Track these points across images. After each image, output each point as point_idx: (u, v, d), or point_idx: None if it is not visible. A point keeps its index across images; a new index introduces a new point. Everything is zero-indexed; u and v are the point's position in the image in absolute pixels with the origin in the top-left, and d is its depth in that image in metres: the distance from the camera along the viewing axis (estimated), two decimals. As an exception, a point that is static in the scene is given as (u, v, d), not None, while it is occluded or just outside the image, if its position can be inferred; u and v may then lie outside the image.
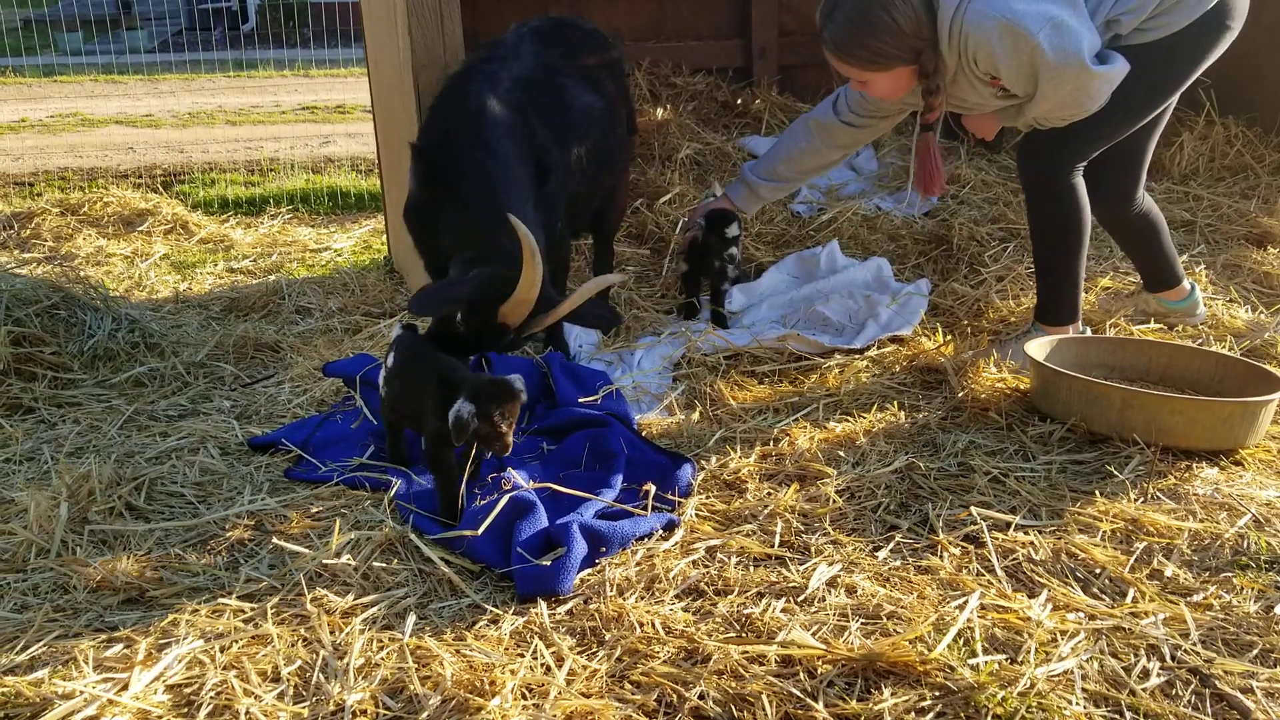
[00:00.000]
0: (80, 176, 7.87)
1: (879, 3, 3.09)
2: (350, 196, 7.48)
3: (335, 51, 15.99)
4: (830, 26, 3.20)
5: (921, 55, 3.15)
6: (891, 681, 1.97)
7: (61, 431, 3.28)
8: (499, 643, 2.12)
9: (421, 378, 2.65)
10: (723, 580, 2.33)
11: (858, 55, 3.19)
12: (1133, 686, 1.96)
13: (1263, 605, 2.21)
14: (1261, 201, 4.97)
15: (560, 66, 3.69)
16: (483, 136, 3.19)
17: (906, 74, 3.22)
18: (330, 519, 2.63)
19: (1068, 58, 2.97)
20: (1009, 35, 2.98)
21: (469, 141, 3.19)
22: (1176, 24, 3.17)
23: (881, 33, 3.11)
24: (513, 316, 2.85)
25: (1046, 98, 3.10)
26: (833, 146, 3.76)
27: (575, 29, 3.98)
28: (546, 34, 3.79)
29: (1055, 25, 2.96)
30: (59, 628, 2.21)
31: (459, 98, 3.36)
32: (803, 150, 3.78)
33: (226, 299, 4.82)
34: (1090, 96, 3.08)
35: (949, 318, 3.95)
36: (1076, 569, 2.38)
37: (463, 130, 3.22)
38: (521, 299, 2.81)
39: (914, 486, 2.75)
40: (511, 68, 3.50)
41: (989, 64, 3.09)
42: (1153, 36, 3.19)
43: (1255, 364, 3.16)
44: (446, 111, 3.39)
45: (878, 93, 3.35)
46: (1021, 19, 2.96)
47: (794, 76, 6.07)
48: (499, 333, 2.89)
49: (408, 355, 2.79)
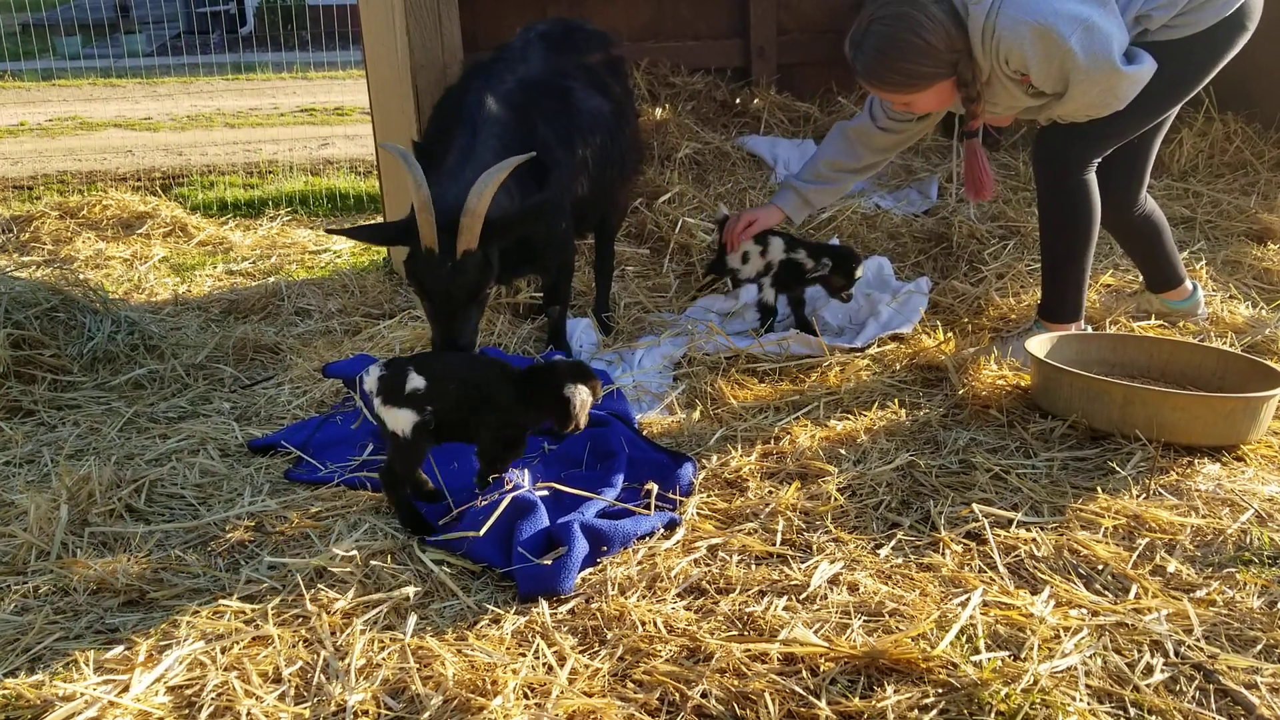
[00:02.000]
0: (79, 180, 7.87)
1: (907, 26, 3.06)
2: (349, 198, 7.47)
3: (333, 54, 15.99)
4: (861, 57, 3.16)
5: (959, 66, 3.13)
6: (894, 679, 1.96)
7: (61, 434, 3.27)
8: (501, 642, 2.12)
9: (475, 381, 2.59)
10: (724, 579, 2.33)
11: (894, 82, 3.17)
12: (1136, 682, 1.95)
13: (1266, 600, 2.21)
14: (1261, 197, 4.97)
15: (568, 70, 3.71)
16: (478, 132, 3.20)
17: (947, 86, 3.20)
18: (331, 520, 2.62)
19: (1099, 61, 2.97)
20: (1042, 39, 2.97)
21: (463, 138, 3.19)
22: (1203, 22, 3.18)
23: (915, 55, 3.09)
24: (426, 235, 2.84)
25: (1075, 99, 3.10)
26: (874, 150, 3.73)
27: (582, 31, 3.99)
28: (555, 38, 3.80)
29: (1087, 28, 2.95)
30: (59, 630, 2.21)
31: (459, 97, 3.38)
32: (844, 154, 3.76)
33: (226, 301, 4.81)
34: (1118, 97, 3.09)
35: (949, 315, 3.95)
36: (1079, 565, 2.37)
37: (458, 126, 3.24)
38: (417, 209, 2.82)
39: (915, 484, 2.75)
40: (518, 69, 3.52)
41: (1020, 64, 3.08)
42: (1178, 34, 3.19)
43: (1257, 360, 3.15)
44: (446, 110, 3.41)
45: (921, 109, 3.35)
46: (1054, 21, 2.95)
47: (793, 75, 6.07)
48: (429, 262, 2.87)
49: (440, 368, 2.61)
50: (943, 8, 3.06)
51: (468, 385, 2.57)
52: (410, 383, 2.51)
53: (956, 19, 3.07)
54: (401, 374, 2.52)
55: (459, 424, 2.59)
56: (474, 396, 2.57)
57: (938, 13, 3.06)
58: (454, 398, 2.55)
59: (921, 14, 3.05)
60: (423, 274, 2.90)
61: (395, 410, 2.51)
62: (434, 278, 2.89)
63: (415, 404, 2.50)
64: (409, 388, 2.50)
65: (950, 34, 3.07)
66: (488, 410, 2.58)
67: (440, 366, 2.59)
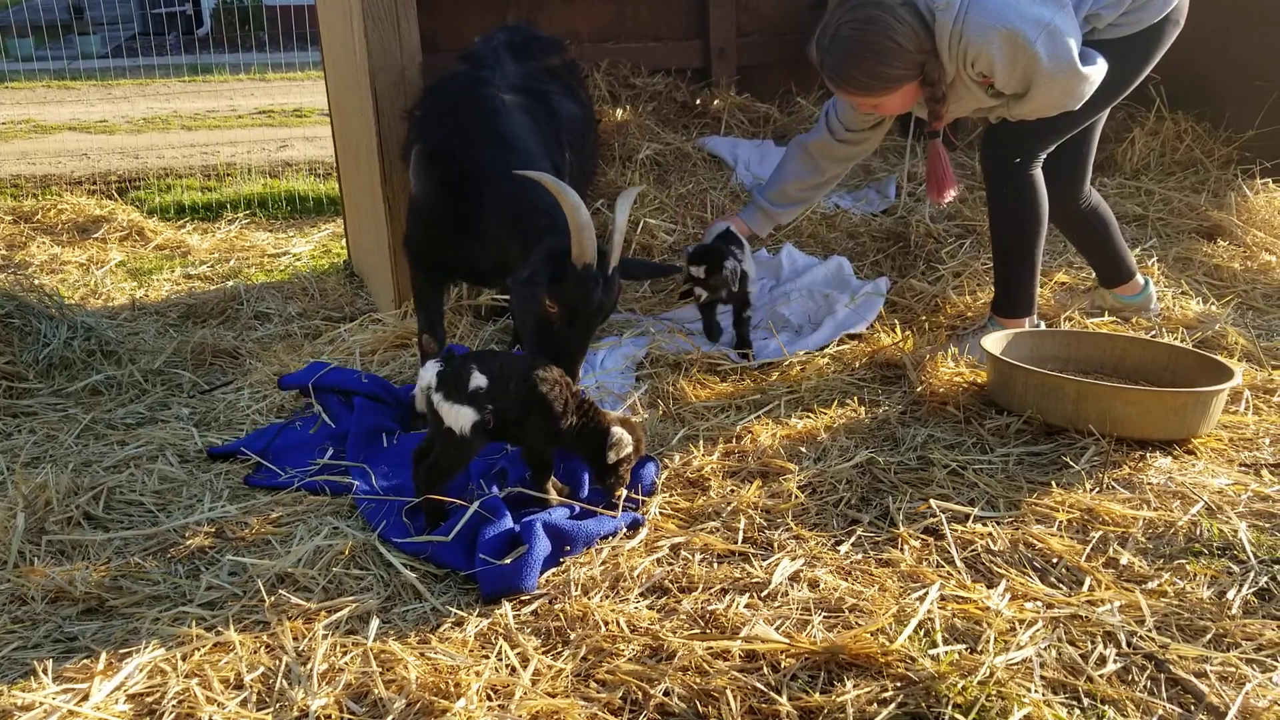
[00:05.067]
0: (33, 184, 7.76)
1: (878, 29, 3.07)
2: (309, 201, 7.43)
3: (292, 55, 15.86)
4: (830, 59, 3.16)
5: (925, 67, 3.15)
6: (854, 673, 1.99)
7: (17, 441, 3.23)
8: (464, 645, 2.12)
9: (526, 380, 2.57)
10: (687, 577, 2.35)
11: (864, 84, 3.17)
12: (1090, 673, 1.99)
13: (1215, 591, 2.26)
14: (1211, 195, 5.06)
15: (540, 75, 3.72)
16: (502, 135, 3.20)
17: (913, 88, 3.22)
18: (292, 524, 2.62)
19: (1061, 64, 3.03)
20: (1009, 43, 3.02)
21: (488, 141, 3.19)
22: (1146, 20, 3.26)
23: (885, 57, 3.10)
24: (587, 251, 2.78)
25: (1035, 99, 3.16)
26: (834, 161, 3.74)
27: (538, 40, 3.99)
28: (518, 46, 3.81)
29: (1050, 32, 3.00)
30: (17, 639, 2.19)
31: (467, 100, 3.36)
32: (808, 171, 3.77)
33: (184, 305, 4.77)
34: (1075, 97, 3.15)
35: (907, 314, 3.99)
36: (1034, 559, 2.41)
37: (479, 130, 3.23)
38: (578, 229, 2.75)
39: (874, 481, 2.78)
40: (503, 75, 3.53)
41: (986, 68, 3.12)
42: (1123, 33, 3.27)
43: (1207, 355, 3.21)
44: (457, 114, 3.37)
45: (888, 111, 3.38)
46: (1021, 26, 2.99)
47: (752, 76, 6.10)
48: (588, 278, 2.80)
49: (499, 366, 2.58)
50: (909, 10, 3.09)
51: (519, 386, 2.54)
52: (474, 380, 2.48)
53: (923, 21, 3.10)
54: (464, 370, 2.50)
55: (515, 424, 2.56)
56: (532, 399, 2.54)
57: (906, 15, 3.08)
58: (515, 398, 2.53)
59: (890, 16, 3.07)
60: (582, 292, 2.81)
61: (456, 407, 2.47)
62: (594, 297, 2.83)
63: (476, 402, 2.48)
64: (472, 385, 2.48)
65: (918, 34, 3.09)
66: (541, 415, 2.55)
67: (501, 366, 2.57)
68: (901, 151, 5.55)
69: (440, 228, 3.35)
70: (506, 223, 3.12)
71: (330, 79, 5.23)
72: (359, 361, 3.68)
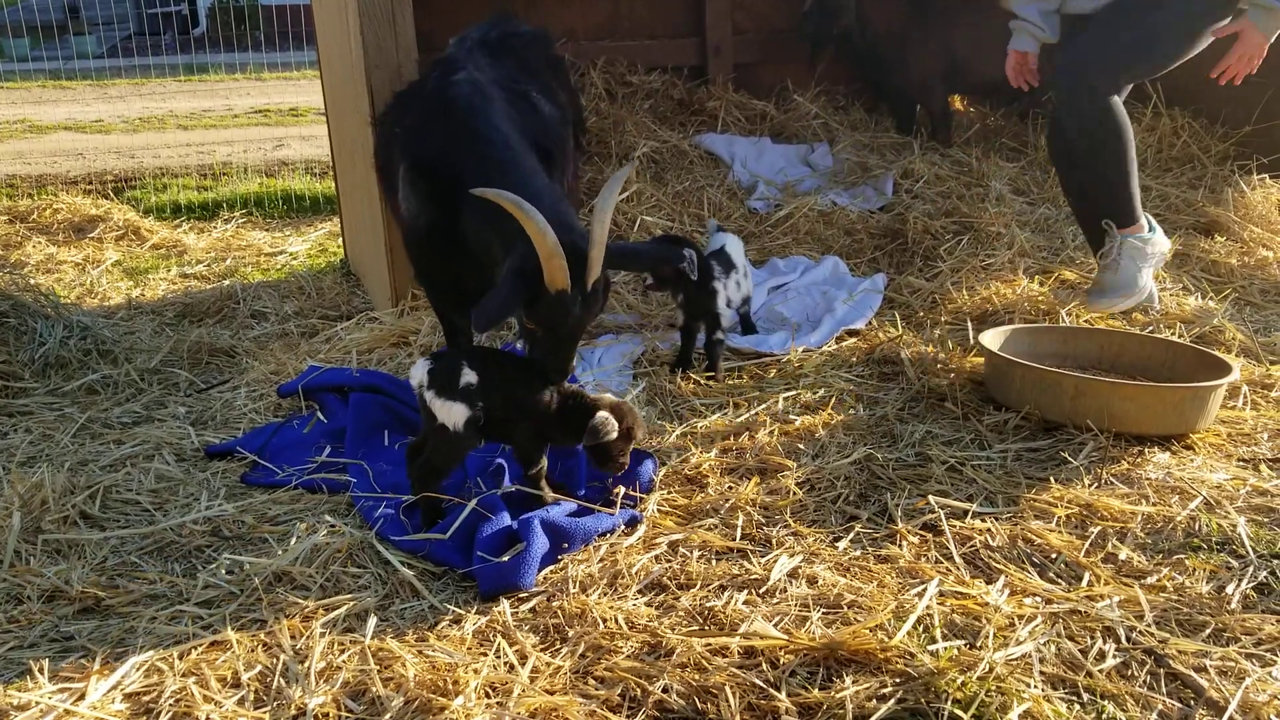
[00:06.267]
0: (29, 184, 7.75)
1: None
2: (305, 199, 7.42)
3: (288, 54, 15.84)
4: None
5: None
6: (853, 670, 1.99)
7: (13, 441, 3.22)
8: (462, 642, 2.12)
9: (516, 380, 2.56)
10: (685, 574, 2.34)
11: None
12: (1089, 668, 1.99)
13: (1214, 586, 2.26)
14: (1208, 191, 5.06)
15: (518, 75, 3.53)
16: (492, 142, 2.99)
17: None
18: (289, 523, 2.61)
19: None
20: None
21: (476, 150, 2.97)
22: None
23: None
24: (558, 279, 2.53)
25: None
26: None
27: (518, 36, 3.80)
28: (494, 45, 3.62)
29: None
30: (13, 639, 2.18)
31: (446, 106, 3.11)
32: None
33: (180, 304, 4.76)
34: None
35: (905, 310, 3.99)
36: (1033, 554, 2.41)
37: (463, 138, 3.02)
38: (547, 256, 2.48)
39: (873, 477, 2.78)
40: (484, 75, 3.29)
41: None
42: None
43: (1204, 350, 3.21)
44: (438, 120, 3.12)
45: None
46: None
47: (748, 74, 6.10)
48: (563, 303, 2.58)
49: (488, 363, 2.56)
50: None
51: (509, 384, 2.54)
52: (464, 376, 2.48)
53: None
54: (454, 366, 2.49)
55: (504, 422, 2.56)
56: (520, 396, 2.53)
57: None
58: (502, 396, 2.52)
59: None
60: (558, 315, 2.59)
61: (448, 403, 2.47)
62: (572, 317, 2.63)
63: (468, 398, 2.48)
64: (463, 381, 2.48)
65: None
66: (528, 412, 2.54)
67: (489, 363, 2.56)
68: (899, 149, 5.55)
69: (441, 248, 3.14)
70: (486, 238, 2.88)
71: (326, 78, 5.22)
72: (356, 360, 3.67)
